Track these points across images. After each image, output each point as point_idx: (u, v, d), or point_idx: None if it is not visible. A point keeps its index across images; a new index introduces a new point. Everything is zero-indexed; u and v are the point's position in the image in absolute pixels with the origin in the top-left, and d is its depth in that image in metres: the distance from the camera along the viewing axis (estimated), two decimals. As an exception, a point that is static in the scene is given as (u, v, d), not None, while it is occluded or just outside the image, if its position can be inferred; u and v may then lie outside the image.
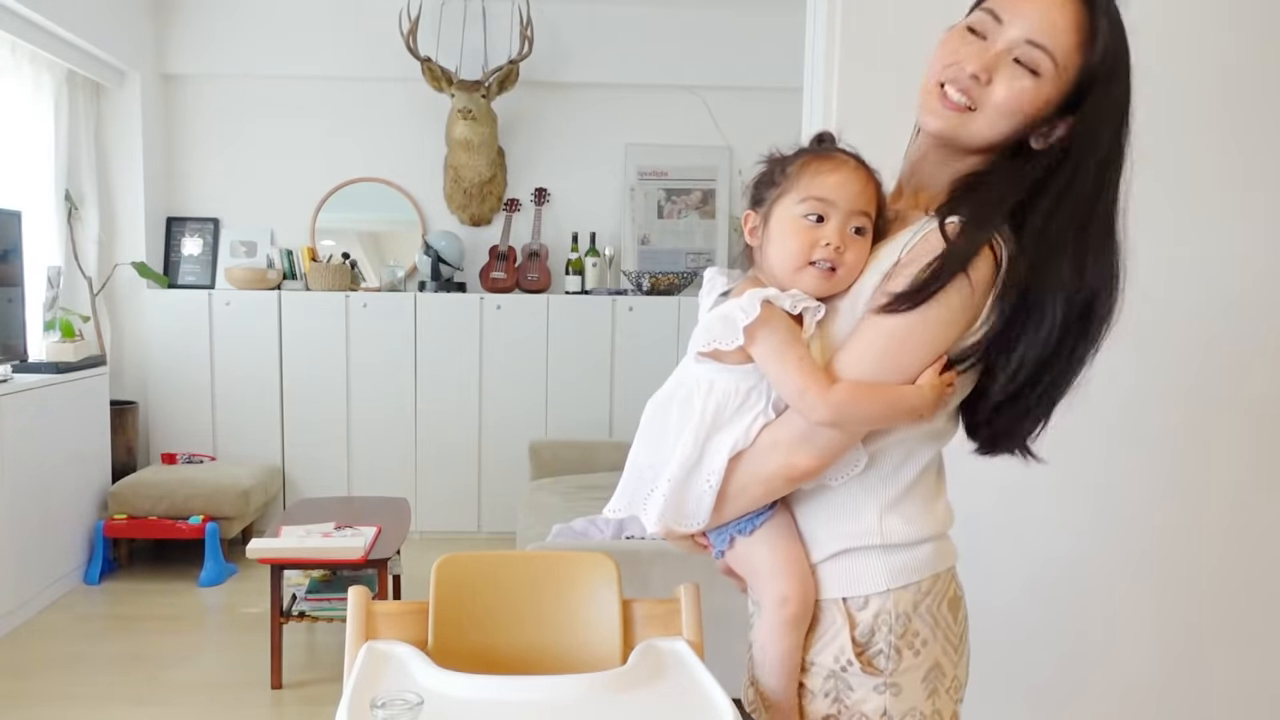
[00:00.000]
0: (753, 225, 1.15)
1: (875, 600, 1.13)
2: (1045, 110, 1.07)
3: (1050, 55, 1.04)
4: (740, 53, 4.79)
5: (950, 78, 1.08)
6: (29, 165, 4.04)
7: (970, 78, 1.06)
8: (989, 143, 1.09)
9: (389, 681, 1.18)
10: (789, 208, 1.11)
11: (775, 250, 1.11)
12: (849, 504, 1.15)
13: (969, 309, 1.07)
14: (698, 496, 1.13)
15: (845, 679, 1.14)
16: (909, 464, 1.15)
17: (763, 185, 1.16)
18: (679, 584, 1.38)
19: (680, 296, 4.73)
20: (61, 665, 3.22)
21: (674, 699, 1.16)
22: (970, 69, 1.06)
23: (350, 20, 4.72)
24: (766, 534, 1.16)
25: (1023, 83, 1.05)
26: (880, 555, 1.13)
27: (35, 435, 3.62)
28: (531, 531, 3.34)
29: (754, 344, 1.07)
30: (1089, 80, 1.05)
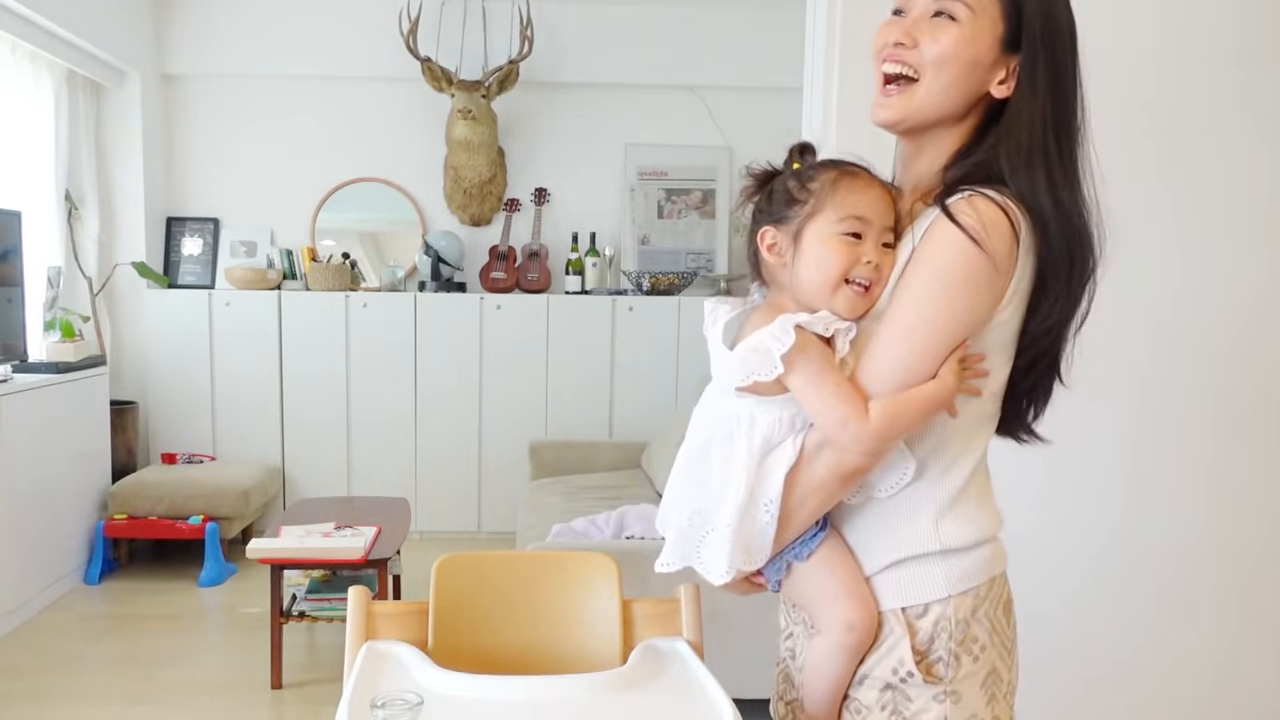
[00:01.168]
0: (773, 242, 1.12)
1: (935, 607, 1.11)
2: (984, 53, 1.07)
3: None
4: (740, 53, 4.79)
5: (883, 57, 1.10)
6: (29, 165, 4.04)
7: (895, 46, 1.08)
8: (944, 107, 1.10)
9: (389, 681, 1.18)
10: (826, 226, 1.08)
11: (810, 270, 1.08)
12: (902, 511, 1.12)
13: (993, 287, 1.05)
14: (760, 529, 1.09)
15: (903, 690, 1.12)
16: (960, 464, 1.13)
17: (781, 202, 1.12)
18: (679, 584, 1.38)
19: (680, 296, 4.72)
20: (61, 665, 3.21)
21: (674, 699, 1.16)
22: (893, 39, 1.08)
23: (350, 20, 4.72)
24: (824, 557, 1.13)
25: (945, 30, 1.06)
26: (939, 561, 1.11)
27: (35, 435, 3.62)
28: (531, 531, 3.33)
29: (791, 373, 1.04)
30: (1016, 13, 1.07)
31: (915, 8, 1.09)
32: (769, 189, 1.14)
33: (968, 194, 1.05)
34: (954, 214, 1.04)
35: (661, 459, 3.97)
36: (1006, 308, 1.08)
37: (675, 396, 4.66)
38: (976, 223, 1.03)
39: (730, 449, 1.10)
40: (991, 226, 1.03)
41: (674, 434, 3.97)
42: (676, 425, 4.03)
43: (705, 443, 1.13)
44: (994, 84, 1.09)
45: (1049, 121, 1.08)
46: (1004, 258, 1.04)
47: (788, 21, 4.71)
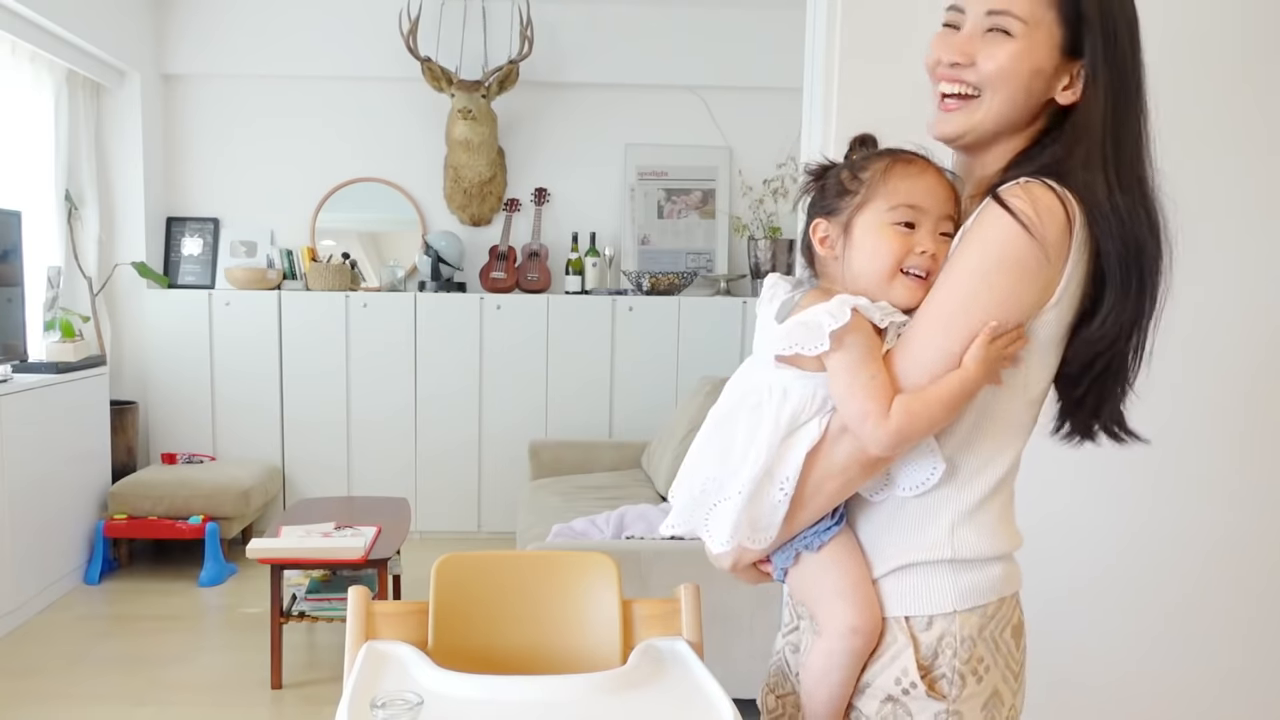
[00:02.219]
0: (825, 234, 1.09)
1: (940, 622, 1.07)
2: (1044, 63, 1.04)
3: (1011, 14, 1.03)
4: (740, 53, 4.79)
5: (938, 76, 1.08)
6: (29, 165, 4.04)
7: (951, 66, 1.06)
8: (1007, 118, 1.07)
9: (389, 681, 1.18)
10: (877, 215, 1.05)
11: (864, 259, 1.06)
12: (920, 512, 1.08)
13: (1041, 276, 1.01)
14: (772, 506, 1.06)
15: (905, 704, 1.08)
16: (988, 470, 1.08)
17: (833, 194, 1.09)
18: (679, 584, 1.38)
19: (680, 296, 4.72)
20: (61, 665, 3.21)
21: (674, 699, 1.16)
22: (948, 59, 1.06)
23: (350, 20, 4.72)
24: (835, 553, 1.09)
25: (1001, 46, 1.04)
26: (949, 572, 1.07)
27: (35, 435, 3.62)
28: (531, 531, 3.34)
29: (835, 352, 1.01)
30: (1075, 18, 1.04)
31: (968, 22, 1.06)
32: (823, 182, 1.11)
33: (1023, 180, 1.02)
34: (1004, 198, 1.01)
35: (661, 459, 3.97)
36: (1056, 305, 1.04)
37: (675, 396, 4.66)
38: (1029, 207, 0.99)
39: (756, 419, 1.07)
40: (1045, 212, 0.99)
41: (674, 434, 3.97)
42: (676, 425, 4.03)
43: (731, 410, 1.09)
44: (1059, 90, 1.06)
45: (1110, 125, 1.04)
46: (1055, 246, 1.00)
47: (788, 21, 4.71)
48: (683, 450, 3.83)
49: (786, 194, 4.86)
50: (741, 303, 4.69)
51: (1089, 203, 1.02)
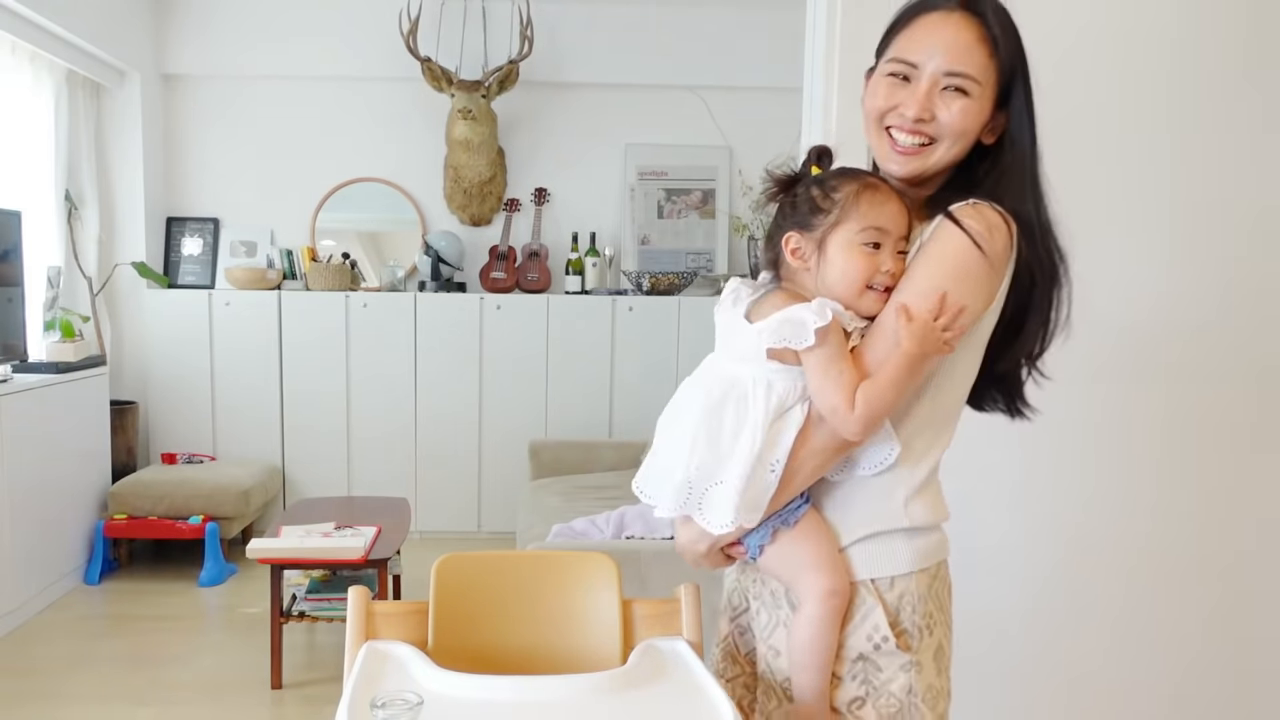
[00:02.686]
0: (797, 247, 1.20)
1: (900, 582, 1.20)
2: (987, 114, 1.20)
3: (970, 76, 1.17)
4: (740, 53, 4.79)
5: (895, 124, 1.20)
6: (29, 165, 4.04)
7: (916, 121, 1.18)
8: (954, 161, 1.22)
9: (389, 681, 1.18)
10: (849, 235, 1.17)
11: (837, 275, 1.17)
12: (880, 488, 1.21)
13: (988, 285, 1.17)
14: (765, 487, 1.16)
15: (875, 660, 1.20)
16: (930, 453, 1.23)
17: (805, 210, 1.20)
18: (679, 584, 1.38)
19: (680, 296, 4.72)
20: (61, 665, 3.22)
21: (674, 699, 1.16)
22: (912, 114, 1.18)
23: (350, 20, 4.72)
24: (807, 528, 1.20)
25: (960, 103, 1.18)
26: (905, 538, 1.21)
27: (35, 435, 3.62)
28: (531, 531, 3.34)
29: (817, 347, 1.13)
30: (1009, 77, 1.20)
31: (924, 79, 1.18)
32: (793, 194, 1.22)
33: (972, 202, 1.18)
34: (958, 218, 1.15)
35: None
36: (993, 309, 1.20)
37: (675, 396, 4.66)
38: (981, 225, 1.15)
39: (744, 409, 1.17)
40: (994, 229, 1.16)
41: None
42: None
43: (717, 403, 1.18)
44: (984, 132, 1.22)
45: (1029, 159, 1.22)
46: (1000, 258, 1.17)
47: (788, 21, 4.71)
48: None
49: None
50: (741, 303, 4.69)
51: (1023, 222, 1.20)
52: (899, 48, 1.21)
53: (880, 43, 1.26)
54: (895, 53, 1.21)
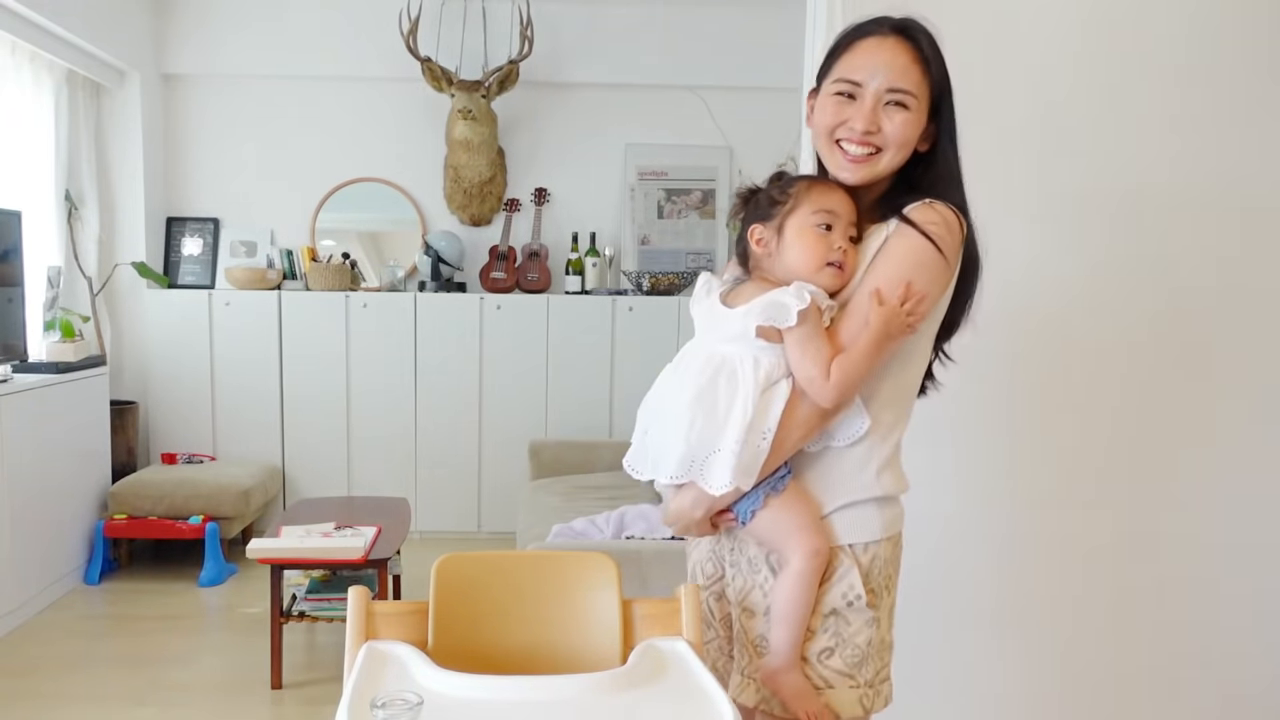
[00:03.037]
0: (760, 236, 1.36)
1: (872, 547, 1.37)
2: (922, 125, 1.36)
3: (909, 91, 1.33)
4: (740, 53, 4.79)
5: (845, 137, 1.35)
6: (29, 165, 4.04)
7: (864, 134, 1.33)
8: (896, 168, 1.38)
9: (389, 681, 1.18)
10: (803, 219, 1.33)
11: (796, 254, 1.34)
12: (855, 461, 1.36)
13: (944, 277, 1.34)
14: (757, 453, 1.30)
15: (845, 615, 1.36)
16: (896, 429, 1.40)
17: (765, 205, 1.36)
18: (679, 584, 1.38)
19: (680, 296, 4.73)
20: (61, 665, 3.22)
21: (674, 699, 1.16)
22: (860, 127, 1.32)
23: (350, 20, 4.72)
24: (792, 494, 1.35)
25: (902, 117, 1.33)
26: (876, 507, 1.37)
27: (35, 435, 3.62)
28: (531, 531, 3.34)
29: (798, 326, 1.28)
30: (939, 93, 1.37)
31: (868, 96, 1.33)
32: (755, 200, 1.39)
33: (928, 201, 1.34)
34: (916, 219, 1.32)
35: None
36: (946, 297, 1.37)
37: (675, 396, 4.66)
38: (938, 221, 1.32)
39: (735, 383, 1.31)
40: (949, 225, 1.33)
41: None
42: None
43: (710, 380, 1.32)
44: (919, 141, 1.38)
45: (957, 165, 1.39)
46: (953, 253, 1.34)
47: (788, 21, 4.71)
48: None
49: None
50: (741, 303, 4.69)
51: (967, 219, 1.37)
52: (843, 69, 1.35)
53: (822, 67, 1.40)
54: (840, 73, 1.35)
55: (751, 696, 1.40)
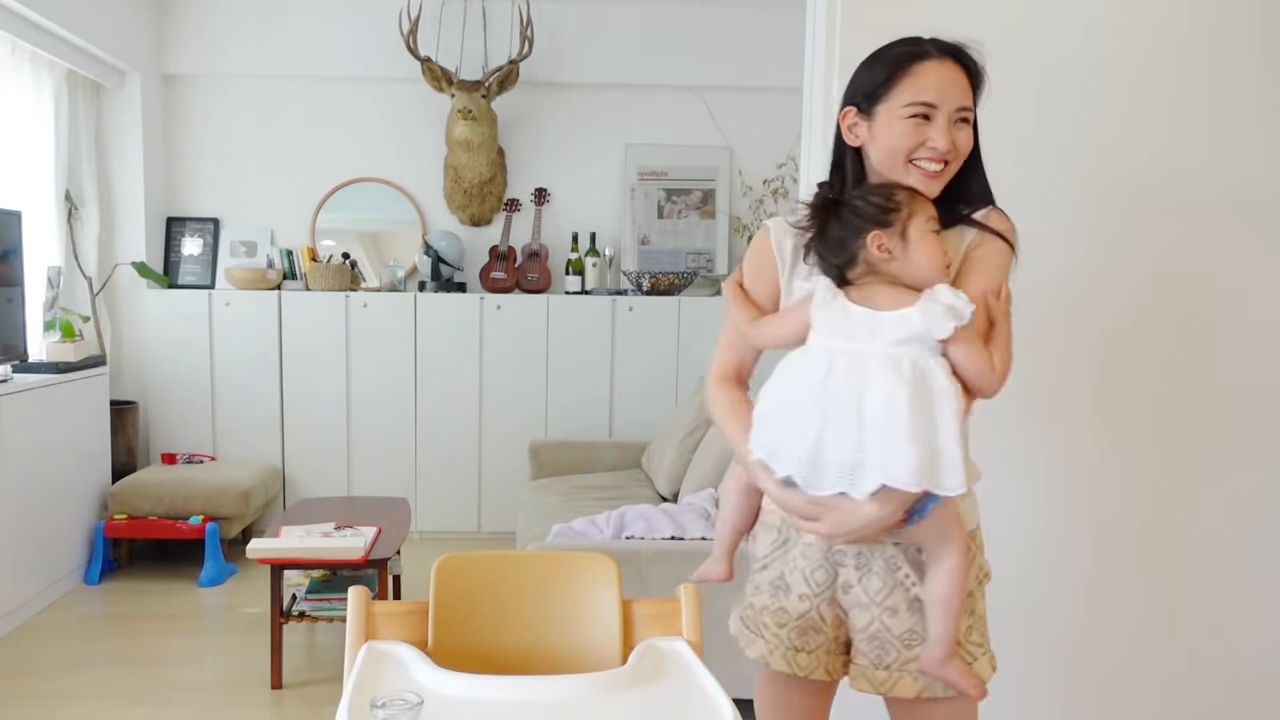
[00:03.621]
0: (883, 243, 1.39)
1: (979, 529, 1.51)
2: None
3: (970, 109, 1.45)
4: (740, 53, 4.79)
5: (927, 156, 1.42)
6: (29, 165, 4.04)
7: (945, 151, 1.42)
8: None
9: (389, 681, 1.18)
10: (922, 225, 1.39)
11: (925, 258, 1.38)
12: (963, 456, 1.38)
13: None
14: (967, 449, 1.36)
15: (976, 594, 1.48)
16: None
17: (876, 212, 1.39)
18: (679, 584, 1.39)
19: (680, 297, 4.72)
20: (61, 665, 3.22)
21: (674, 699, 1.16)
22: (943, 147, 1.41)
23: (350, 20, 4.72)
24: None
25: (966, 133, 1.45)
26: (971, 496, 1.48)
27: (35, 435, 3.62)
28: (531, 531, 3.34)
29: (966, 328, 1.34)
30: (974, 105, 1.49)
31: (941, 117, 1.41)
32: (839, 209, 1.42)
33: (992, 208, 1.49)
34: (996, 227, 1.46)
35: (661, 459, 3.97)
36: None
37: (675, 397, 4.66)
38: (1010, 229, 1.48)
39: (933, 386, 1.32)
40: (1013, 230, 1.48)
41: (674, 434, 3.97)
42: (676, 425, 4.03)
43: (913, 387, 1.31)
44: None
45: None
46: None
47: (788, 21, 4.72)
48: (684, 450, 3.84)
49: (787, 194, 4.86)
50: (741, 303, 4.68)
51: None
52: (913, 92, 1.41)
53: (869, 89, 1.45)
54: (912, 97, 1.41)
55: (910, 687, 1.44)
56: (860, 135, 1.47)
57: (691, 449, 3.82)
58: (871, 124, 1.45)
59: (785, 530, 1.49)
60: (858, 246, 1.39)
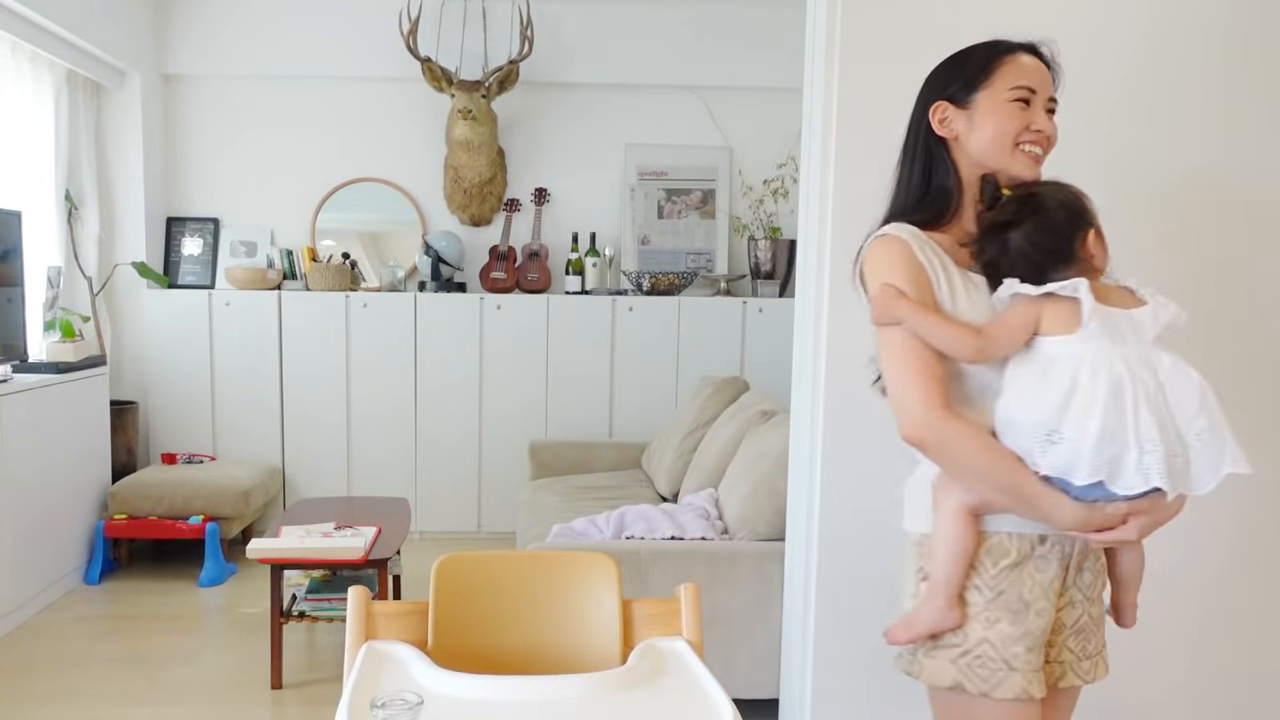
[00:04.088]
0: (1096, 252, 1.38)
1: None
2: None
3: (1055, 101, 1.48)
4: (740, 53, 4.79)
5: (1030, 140, 1.44)
6: (29, 165, 4.04)
7: (1049, 134, 1.45)
8: None
9: (389, 681, 1.18)
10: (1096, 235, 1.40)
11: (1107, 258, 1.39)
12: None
13: None
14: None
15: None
16: None
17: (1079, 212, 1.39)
18: (679, 584, 1.38)
19: (680, 297, 4.72)
20: (61, 665, 3.22)
21: (674, 699, 1.16)
22: (1046, 129, 1.44)
23: (350, 20, 4.72)
24: None
25: (1052, 121, 1.46)
26: None
27: (35, 435, 3.62)
28: (531, 531, 3.34)
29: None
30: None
31: (1039, 104, 1.44)
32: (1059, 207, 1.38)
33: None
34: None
35: (661, 459, 3.97)
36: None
37: (675, 396, 4.66)
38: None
39: (1189, 379, 1.30)
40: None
41: (674, 434, 3.97)
42: (676, 425, 4.03)
43: (1199, 382, 1.30)
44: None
45: None
46: None
47: (788, 21, 4.72)
48: (684, 450, 3.84)
49: (787, 194, 4.86)
50: (741, 303, 4.69)
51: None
52: (1014, 78, 1.43)
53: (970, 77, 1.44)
54: (1014, 81, 1.43)
55: (1104, 669, 1.50)
56: (956, 127, 1.46)
57: (691, 449, 3.82)
58: (971, 113, 1.45)
59: (1020, 548, 1.40)
60: (1078, 246, 1.36)
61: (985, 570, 1.40)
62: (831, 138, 2.12)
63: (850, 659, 2.24)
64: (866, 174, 2.08)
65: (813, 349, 2.24)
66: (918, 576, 1.46)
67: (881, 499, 2.23)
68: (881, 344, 1.41)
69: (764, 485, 2.85)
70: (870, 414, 2.21)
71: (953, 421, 1.35)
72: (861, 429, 2.20)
